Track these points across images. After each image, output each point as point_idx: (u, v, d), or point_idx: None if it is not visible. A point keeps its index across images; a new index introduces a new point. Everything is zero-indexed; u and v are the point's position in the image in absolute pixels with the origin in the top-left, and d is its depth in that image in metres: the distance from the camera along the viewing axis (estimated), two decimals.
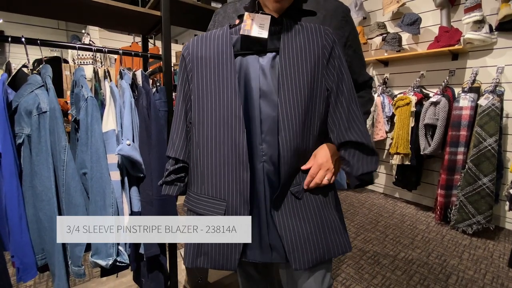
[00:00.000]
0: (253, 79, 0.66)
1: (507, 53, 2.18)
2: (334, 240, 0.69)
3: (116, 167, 0.91)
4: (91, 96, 0.88)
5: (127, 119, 0.91)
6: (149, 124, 0.96)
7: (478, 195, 2.09)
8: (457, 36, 2.35)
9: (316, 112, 0.65)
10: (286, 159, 0.63)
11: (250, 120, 0.66)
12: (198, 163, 0.69)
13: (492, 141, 2.03)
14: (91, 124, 0.87)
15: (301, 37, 0.65)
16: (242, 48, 0.67)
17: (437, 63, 2.62)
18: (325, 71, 0.65)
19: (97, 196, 0.88)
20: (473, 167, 2.11)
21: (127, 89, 0.95)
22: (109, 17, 1.20)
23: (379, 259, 1.84)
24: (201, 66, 0.68)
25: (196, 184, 0.70)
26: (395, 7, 2.74)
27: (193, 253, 0.71)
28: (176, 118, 0.72)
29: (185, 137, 0.71)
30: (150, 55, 1.15)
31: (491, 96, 2.06)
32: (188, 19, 1.43)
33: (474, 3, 2.15)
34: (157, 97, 1.07)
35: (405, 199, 2.97)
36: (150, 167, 0.96)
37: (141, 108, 0.96)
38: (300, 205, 0.67)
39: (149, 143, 0.96)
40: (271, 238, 0.68)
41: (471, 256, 1.87)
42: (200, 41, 0.69)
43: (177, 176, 0.73)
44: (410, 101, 2.56)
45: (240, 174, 0.64)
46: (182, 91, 0.71)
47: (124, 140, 0.87)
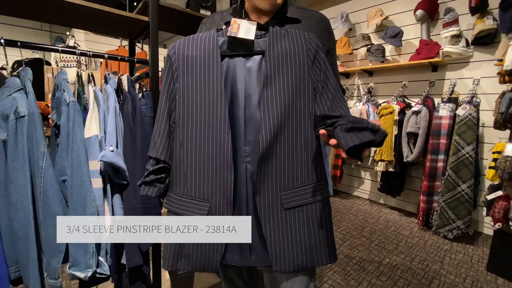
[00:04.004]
0: (239, 80, 0.67)
1: (482, 66, 2.31)
2: (319, 249, 0.68)
3: (98, 174, 0.88)
4: (73, 100, 0.85)
5: (111, 124, 0.88)
6: (134, 130, 0.94)
7: (457, 201, 2.17)
8: (436, 49, 2.47)
9: (303, 112, 0.66)
10: (265, 159, 0.63)
11: (235, 121, 0.66)
12: (181, 164, 0.68)
13: (470, 149, 2.13)
14: (72, 130, 0.84)
15: (286, 40, 0.67)
16: (228, 50, 0.68)
17: (418, 74, 2.74)
18: (310, 72, 0.66)
19: (77, 204, 0.84)
20: (453, 174, 2.19)
21: (111, 94, 0.93)
22: (96, 21, 1.17)
23: (365, 265, 1.86)
24: (187, 65, 0.67)
25: (178, 185, 0.69)
26: (379, 20, 2.86)
27: (173, 256, 0.69)
28: (159, 118, 0.71)
29: (167, 137, 0.70)
30: (137, 60, 1.13)
31: (468, 107, 2.16)
32: (176, 25, 1.43)
33: (452, 18, 2.28)
34: (143, 103, 1.05)
35: (389, 205, 3.03)
36: (134, 174, 0.93)
37: (126, 114, 0.94)
38: (289, 210, 0.67)
39: (133, 149, 0.94)
40: (252, 240, 0.67)
41: (452, 260, 1.93)
42: (187, 42, 0.69)
43: (157, 177, 0.71)
44: (394, 110, 2.65)
45: (223, 175, 0.64)
46: (166, 90, 0.70)
47: (107, 146, 0.85)
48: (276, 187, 0.66)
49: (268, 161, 0.64)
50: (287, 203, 0.66)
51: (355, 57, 3.30)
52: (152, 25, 1.07)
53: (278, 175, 0.65)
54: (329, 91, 0.66)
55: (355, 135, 0.51)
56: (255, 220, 0.67)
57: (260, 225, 0.66)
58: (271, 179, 0.65)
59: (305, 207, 0.67)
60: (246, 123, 0.66)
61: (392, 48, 2.93)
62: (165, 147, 0.70)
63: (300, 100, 0.65)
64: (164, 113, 0.70)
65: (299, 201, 0.67)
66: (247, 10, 0.75)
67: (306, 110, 0.66)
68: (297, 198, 0.67)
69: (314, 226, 0.68)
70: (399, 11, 2.84)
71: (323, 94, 0.66)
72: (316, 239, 0.68)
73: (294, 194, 0.67)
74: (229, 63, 0.68)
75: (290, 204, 0.66)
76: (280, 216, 0.66)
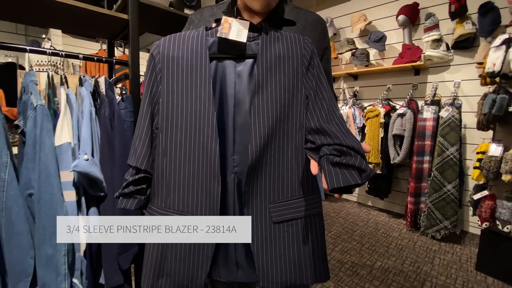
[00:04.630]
0: (228, 85, 0.62)
1: (462, 69, 2.39)
2: (309, 266, 0.64)
3: (71, 186, 0.79)
4: (41, 104, 0.76)
5: (85, 130, 0.80)
6: (112, 136, 0.86)
7: (444, 201, 2.21)
8: (418, 53, 2.53)
9: (295, 121, 0.62)
10: (255, 170, 0.59)
11: (223, 129, 0.62)
12: (163, 174, 0.62)
13: (454, 150, 2.17)
14: (40, 137, 0.75)
15: (280, 44, 0.63)
16: (218, 52, 0.63)
17: (401, 78, 2.80)
18: (304, 79, 0.62)
19: (45, 221, 0.75)
20: (438, 174, 2.23)
21: (86, 97, 0.84)
22: (72, 19, 1.09)
23: (357, 269, 1.84)
24: (172, 67, 0.62)
25: (160, 197, 0.63)
26: (363, 25, 2.91)
27: (153, 274, 0.62)
28: (140, 123, 0.64)
29: (149, 144, 0.64)
30: (116, 61, 1.05)
31: (451, 109, 2.22)
32: (158, 25, 1.36)
33: (432, 23, 2.35)
34: (122, 106, 0.97)
35: (377, 207, 3.05)
36: (113, 184, 0.85)
37: (103, 118, 0.86)
38: (278, 224, 0.62)
39: (111, 157, 0.85)
40: (238, 255, 0.63)
41: (442, 261, 1.94)
42: (173, 41, 0.63)
43: (137, 188, 0.64)
44: (379, 113, 2.68)
45: (210, 186, 0.59)
46: (149, 93, 0.64)
47: (81, 155, 0.76)
48: (265, 199, 0.61)
49: (257, 172, 0.60)
50: (276, 216, 0.62)
51: (340, 61, 3.34)
52: (132, 23, 0.99)
53: (267, 187, 0.61)
54: (323, 100, 0.62)
55: (340, 175, 0.50)
56: None
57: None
58: (260, 191, 0.61)
59: (295, 222, 0.63)
60: (235, 131, 0.62)
61: (376, 52, 2.98)
62: (146, 155, 0.63)
63: (293, 109, 0.62)
64: (145, 118, 0.64)
65: (289, 214, 0.63)
66: (239, 8, 0.70)
67: (298, 119, 0.62)
68: (287, 211, 0.63)
69: (304, 242, 0.64)
70: (381, 17, 2.90)
71: (317, 103, 0.62)
72: (306, 255, 0.64)
73: (284, 208, 0.62)
74: (218, 66, 0.63)
75: (279, 218, 0.62)
76: (269, 230, 0.62)
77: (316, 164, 0.55)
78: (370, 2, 2.97)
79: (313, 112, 0.62)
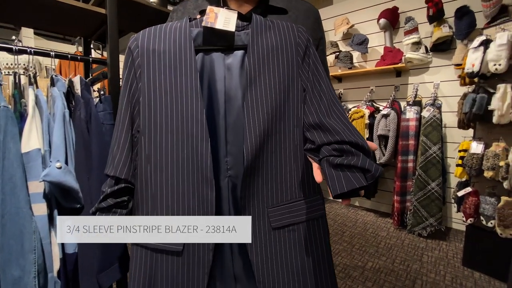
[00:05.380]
0: (217, 80, 0.57)
1: (441, 71, 2.48)
2: (315, 275, 0.59)
3: (41, 198, 0.70)
4: (5, 105, 0.67)
5: (57, 135, 0.71)
6: (89, 140, 0.77)
7: (428, 199, 2.26)
8: (399, 55, 2.60)
9: (292, 117, 0.57)
10: (251, 172, 0.53)
11: (214, 128, 0.56)
12: (148, 182, 0.55)
13: (436, 149, 2.24)
14: (3, 142, 0.65)
15: (272, 34, 0.58)
16: (204, 43, 0.57)
17: (384, 80, 2.86)
18: (300, 70, 0.58)
19: (10, 239, 0.65)
20: (422, 173, 2.28)
21: (58, 98, 0.76)
22: (43, 14, 0.99)
23: (349, 271, 1.82)
24: (153, 61, 0.55)
25: (145, 210, 0.56)
26: (345, 28, 2.96)
27: None
28: (118, 126, 0.57)
29: (129, 150, 0.57)
30: (93, 59, 0.97)
31: (432, 109, 2.29)
32: (139, 23, 1.28)
33: (412, 26, 2.42)
34: (100, 108, 0.88)
35: (365, 207, 3.09)
36: (90, 195, 0.76)
37: (79, 121, 0.77)
38: (278, 230, 0.57)
39: (88, 164, 0.76)
40: (236, 267, 0.57)
41: (430, 258, 1.97)
42: (153, 33, 0.57)
43: (117, 201, 0.57)
44: (364, 114, 2.72)
45: (203, 193, 0.53)
46: (127, 92, 0.57)
47: (53, 162, 0.67)
48: (262, 204, 0.56)
49: (253, 174, 0.54)
50: (275, 221, 0.56)
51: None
52: (110, 17, 0.92)
53: (264, 190, 0.56)
54: (321, 92, 0.58)
55: (342, 178, 0.45)
56: (238, 244, 0.57)
57: (245, 249, 0.56)
58: (257, 195, 0.56)
59: (297, 226, 0.58)
60: (227, 131, 0.57)
61: (359, 55, 3.04)
62: (127, 163, 0.56)
63: (289, 103, 0.57)
64: (124, 120, 0.57)
65: (289, 219, 0.57)
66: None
67: (295, 115, 0.57)
68: (287, 215, 0.57)
69: (308, 249, 0.59)
70: (363, 20, 2.97)
71: (315, 96, 0.58)
72: (311, 263, 0.59)
73: (284, 211, 0.57)
74: (205, 60, 0.58)
75: (278, 223, 0.57)
76: (268, 237, 0.56)
77: (319, 171, 0.50)
78: (352, 6, 3.04)
79: (311, 105, 0.57)
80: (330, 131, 0.51)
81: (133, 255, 0.58)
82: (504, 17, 1.82)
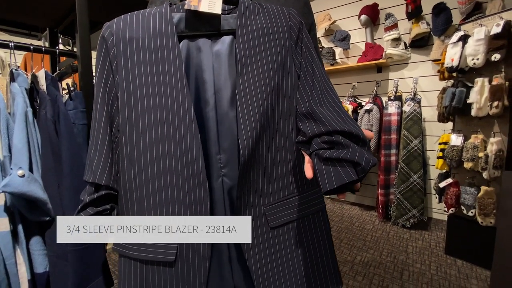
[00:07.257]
0: (205, 69, 0.52)
1: (420, 66, 2.56)
2: (318, 273, 0.55)
3: (2, 212, 0.60)
4: None
5: (19, 137, 0.61)
6: (58, 143, 0.68)
7: (411, 191, 2.33)
8: (380, 51, 2.65)
9: (286, 106, 0.53)
10: (247, 168, 0.49)
11: (203, 123, 0.51)
12: (132, 187, 0.49)
13: (417, 142, 2.30)
14: None
15: (262, 17, 0.54)
16: (188, 29, 0.52)
17: (365, 75, 2.91)
18: (294, 56, 0.54)
19: None
20: (405, 166, 2.34)
21: (19, 95, 0.65)
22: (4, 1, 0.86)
23: (340, 266, 1.82)
24: (131, 51, 0.49)
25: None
26: (327, 24, 2.97)
27: None
28: (95, 126, 0.51)
29: (108, 152, 0.50)
30: (60, 51, 0.86)
31: (412, 103, 2.35)
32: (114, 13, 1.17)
33: (392, 23, 2.47)
34: (71, 107, 0.78)
35: (350, 201, 3.14)
36: (61, 205, 0.67)
37: (44, 122, 0.67)
38: (277, 229, 0.53)
39: (58, 170, 0.67)
40: (235, 277, 0.53)
41: (414, 248, 2.03)
42: (129, 20, 0.51)
43: (98, 209, 0.51)
44: (348, 110, 2.75)
45: (196, 196, 0.48)
46: (102, 86, 0.50)
47: (13, 170, 0.58)
48: (259, 202, 0.52)
49: (250, 170, 0.50)
50: (272, 220, 0.52)
51: None
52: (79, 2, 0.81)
53: (260, 187, 0.52)
54: (314, 77, 0.54)
55: (332, 173, 0.42)
56: (235, 249, 0.52)
57: (242, 254, 0.51)
58: (253, 193, 0.51)
59: (296, 223, 0.54)
60: (219, 124, 0.52)
61: (341, 51, 3.07)
62: (107, 166, 0.50)
63: (283, 91, 0.53)
64: (101, 119, 0.50)
65: (287, 216, 0.54)
66: None
67: (290, 103, 0.53)
68: (285, 213, 0.54)
69: (309, 245, 0.55)
70: (345, 16, 2.99)
71: (307, 82, 0.54)
72: (313, 260, 0.55)
73: (281, 208, 0.53)
74: (190, 47, 0.52)
75: (276, 222, 0.53)
76: (266, 238, 0.52)
77: (309, 165, 0.46)
78: (333, 2, 3.05)
79: (303, 93, 0.53)
80: (321, 121, 0.47)
81: (121, 268, 0.51)
82: (478, 13, 1.90)
